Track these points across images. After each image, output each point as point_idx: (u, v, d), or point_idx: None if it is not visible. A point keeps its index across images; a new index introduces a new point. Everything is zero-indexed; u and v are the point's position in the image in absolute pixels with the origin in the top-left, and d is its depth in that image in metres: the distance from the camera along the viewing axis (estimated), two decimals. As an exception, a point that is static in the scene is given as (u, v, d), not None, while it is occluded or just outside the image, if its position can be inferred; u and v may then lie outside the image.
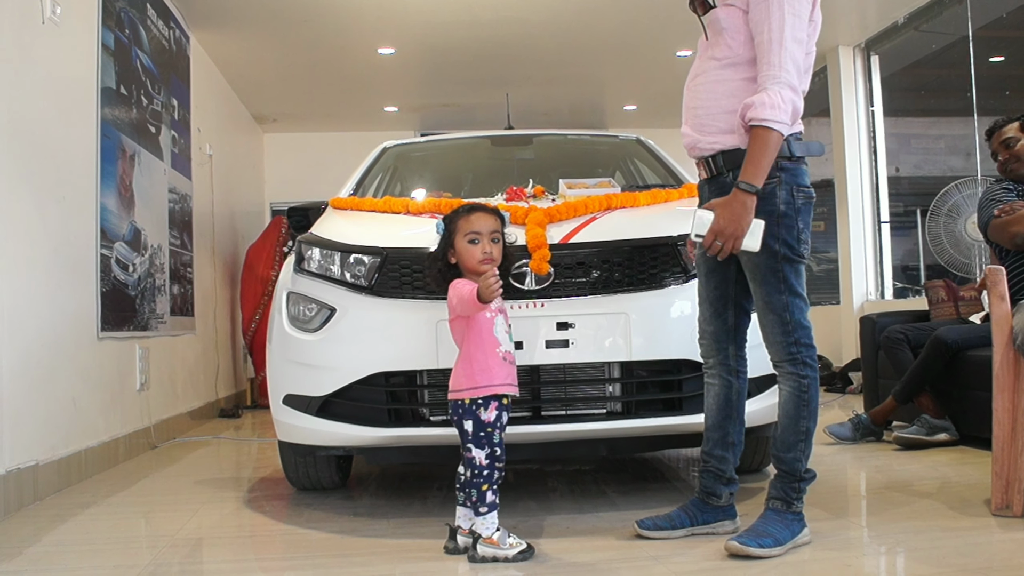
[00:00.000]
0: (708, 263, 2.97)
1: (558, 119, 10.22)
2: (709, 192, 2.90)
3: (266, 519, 3.57)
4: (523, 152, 5.33)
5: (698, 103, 2.88)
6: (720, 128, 2.82)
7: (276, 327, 3.54)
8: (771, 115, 2.64)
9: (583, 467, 4.44)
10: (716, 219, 2.65)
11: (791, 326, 2.79)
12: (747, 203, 2.64)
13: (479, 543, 2.78)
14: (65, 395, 4.35)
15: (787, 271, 2.78)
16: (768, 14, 2.69)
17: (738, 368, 3.02)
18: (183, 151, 6.83)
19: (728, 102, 2.80)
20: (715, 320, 2.99)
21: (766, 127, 2.64)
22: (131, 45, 5.60)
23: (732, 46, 2.80)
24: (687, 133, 2.92)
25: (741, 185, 2.64)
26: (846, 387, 7.92)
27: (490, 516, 2.79)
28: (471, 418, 2.81)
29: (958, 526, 3.04)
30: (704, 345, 3.04)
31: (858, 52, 8.62)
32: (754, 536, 2.73)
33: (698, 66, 2.93)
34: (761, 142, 2.65)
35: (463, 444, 2.84)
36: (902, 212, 8.95)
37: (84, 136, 4.79)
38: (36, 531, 3.44)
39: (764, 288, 2.80)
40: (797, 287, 2.79)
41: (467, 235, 2.92)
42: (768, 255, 2.75)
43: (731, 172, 2.79)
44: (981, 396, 3.89)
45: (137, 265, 5.53)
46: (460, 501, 2.89)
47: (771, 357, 2.88)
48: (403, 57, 8.43)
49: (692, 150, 2.92)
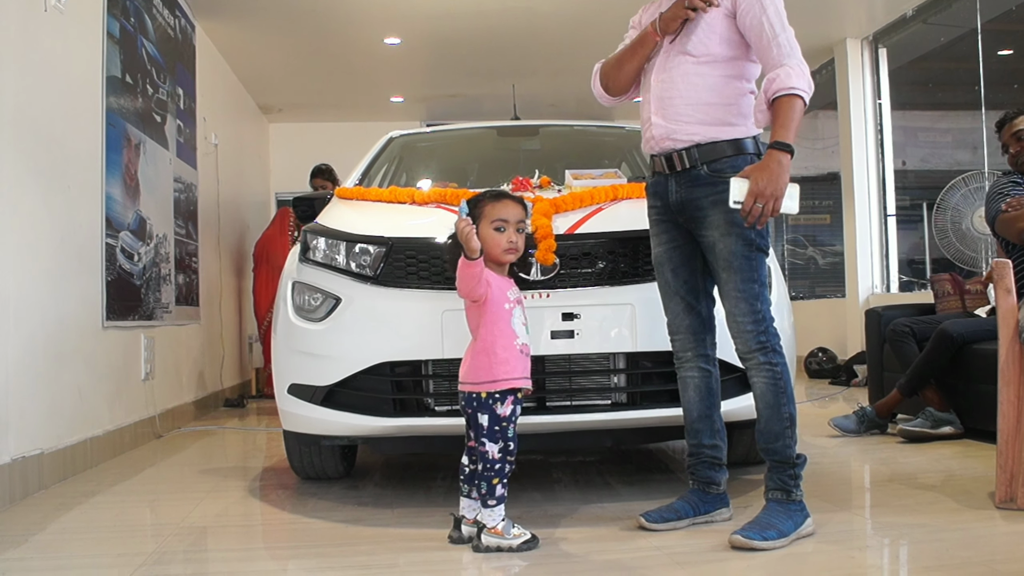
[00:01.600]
0: (674, 259, 3.01)
1: (565, 110, 10.21)
2: (677, 187, 2.92)
3: (271, 508, 3.58)
4: (529, 143, 5.32)
5: (674, 94, 2.91)
6: (698, 119, 2.87)
7: (281, 317, 3.54)
8: (798, 84, 2.73)
9: (588, 458, 4.44)
10: (754, 181, 2.65)
11: (761, 315, 2.85)
12: (783, 162, 2.67)
13: (484, 533, 2.77)
14: (70, 384, 4.36)
15: (759, 260, 2.86)
16: (763, 9, 2.80)
17: (713, 356, 3.07)
18: (188, 140, 6.83)
19: (707, 95, 2.88)
20: (689, 314, 3.03)
21: (794, 95, 2.73)
22: (136, 34, 5.59)
23: (707, 44, 2.88)
24: (657, 123, 2.93)
25: (777, 144, 2.68)
26: (851, 380, 7.90)
27: (498, 508, 2.79)
28: (487, 412, 2.79)
29: (962, 519, 3.04)
30: (680, 340, 3.06)
31: (866, 45, 8.59)
32: (758, 529, 2.73)
33: (667, 59, 2.95)
34: (790, 108, 2.72)
35: (476, 438, 2.82)
36: (908, 205, 8.94)
37: (89, 125, 4.79)
38: (41, 519, 3.45)
39: (739, 276, 2.84)
40: (764, 278, 2.88)
41: (493, 222, 2.86)
42: (744, 243, 2.83)
43: (704, 165, 2.85)
44: (986, 389, 3.88)
45: (142, 254, 5.53)
46: (465, 492, 2.89)
47: (739, 349, 2.90)
48: (409, 47, 8.43)
49: (662, 141, 2.92)
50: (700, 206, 2.89)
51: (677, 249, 3.01)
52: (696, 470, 3.08)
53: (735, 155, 2.87)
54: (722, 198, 2.76)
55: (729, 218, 2.82)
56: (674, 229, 3.01)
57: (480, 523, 2.80)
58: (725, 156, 2.87)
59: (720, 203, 2.80)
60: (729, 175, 2.77)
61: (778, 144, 2.68)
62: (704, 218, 2.88)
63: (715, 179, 2.85)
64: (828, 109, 9.24)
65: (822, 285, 10.48)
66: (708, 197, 2.86)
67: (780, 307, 3.54)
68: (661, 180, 2.99)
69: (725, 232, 2.84)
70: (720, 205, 2.80)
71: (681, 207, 2.93)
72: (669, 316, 3.07)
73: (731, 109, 2.89)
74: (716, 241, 2.86)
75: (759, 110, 2.81)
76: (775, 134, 2.71)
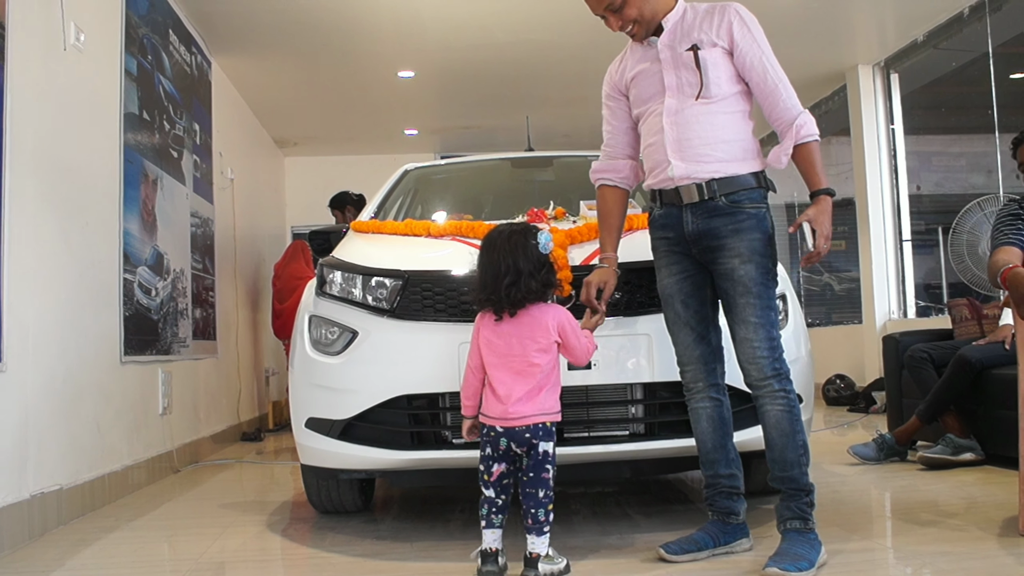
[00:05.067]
0: (685, 289, 3.03)
1: (578, 140, 10.23)
2: (694, 217, 2.95)
3: (289, 543, 3.57)
4: (543, 174, 5.34)
5: (691, 135, 2.95)
6: (717, 157, 2.93)
7: (298, 350, 3.55)
8: (816, 131, 2.95)
9: (606, 489, 4.42)
10: (821, 225, 2.81)
11: (776, 342, 2.89)
12: (831, 205, 2.88)
13: (541, 562, 2.78)
14: (89, 419, 4.37)
15: (774, 289, 2.93)
16: (761, 50, 2.95)
17: (723, 386, 3.08)
18: (205, 175, 6.88)
19: (723, 132, 2.95)
20: (700, 344, 3.04)
21: (818, 140, 2.94)
22: (154, 71, 5.65)
23: (720, 84, 2.95)
24: (678, 165, 2.95)
25: (828, 191, 2.87)
26: (869, 407, 7.85)
27: (548, 534, 2.83)
28: (550, 439, 2.85)
29: (986, 547, 3.01)
30: (690, 371, 3.06)
31: (878, 70, 8.60)
32: (791, 560, 2.70)
33: (677, 102, 2.97)
34: (817, 153, 2.93)
35: (538, 466, 2.83)
36: (924, 230, 8.91)
37: (107, 161, 4.83)
38: (60, 555, 3.45)
39: (759, 302, 2.87)
40: (777, 306, 2.95)
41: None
42: (763, 272, 2.88)
43: (723, 197, 2.91)
44: (1007, 415, 3.86)
45: (160, 289, 5.56)
46: (496, 524, 2.86)
47: (753, 376, 2.90)
48: (423, 80, 8.48)
49: (682, 180, 2.95)
50: (719, 235, 2.90)
51: (688, 279, 3.02)
52: (714, 501, 3.06)
53: (753, 188, 2.93)
54: (741, 227, 2.87)
55: (750, 246, 2.87)
56: (685, 260, 3.02)
57: (533, 553, 2.79)
58: (743, 189, 2.92)
59: (740, 232, 2.88)
60: (747, 206, 2.90)
61: (828, 190, 2.87)
62: (722, 247, 2.90)
63: (733, 209, 2.90)
64: (841, 135, 9.24)
65: (838, 311, 10.44)
66: (727, 226, 2.90)
67: (798, 334, 3.53)
68: (674, 212, 3.00)
69: (746, 259, 2.87)
70: (740, 234, 2.88)
71: (698, 237, 2.94)
72: (679, 348, 3.07)
73: (743, 144, 2.96)
74: (736, 268, 2.88)
75: (784, 152, 2.92)
76: (820, 181, 2.89)
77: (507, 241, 2.92)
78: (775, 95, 2.93)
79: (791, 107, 2.93)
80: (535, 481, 2.83)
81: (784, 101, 2.93)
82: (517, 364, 2.86)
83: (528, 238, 2.93)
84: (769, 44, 2.97)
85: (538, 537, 2.80)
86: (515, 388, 2.84)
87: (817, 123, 2.98)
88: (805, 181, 2.93)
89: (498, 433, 2.84)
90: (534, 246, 2.92)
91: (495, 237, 2.97)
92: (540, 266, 2.91)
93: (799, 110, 2.93)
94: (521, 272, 2.86)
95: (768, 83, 2.93)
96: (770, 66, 2.93)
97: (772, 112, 2.96)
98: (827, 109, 9.38)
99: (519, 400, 2.83)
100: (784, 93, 2.93)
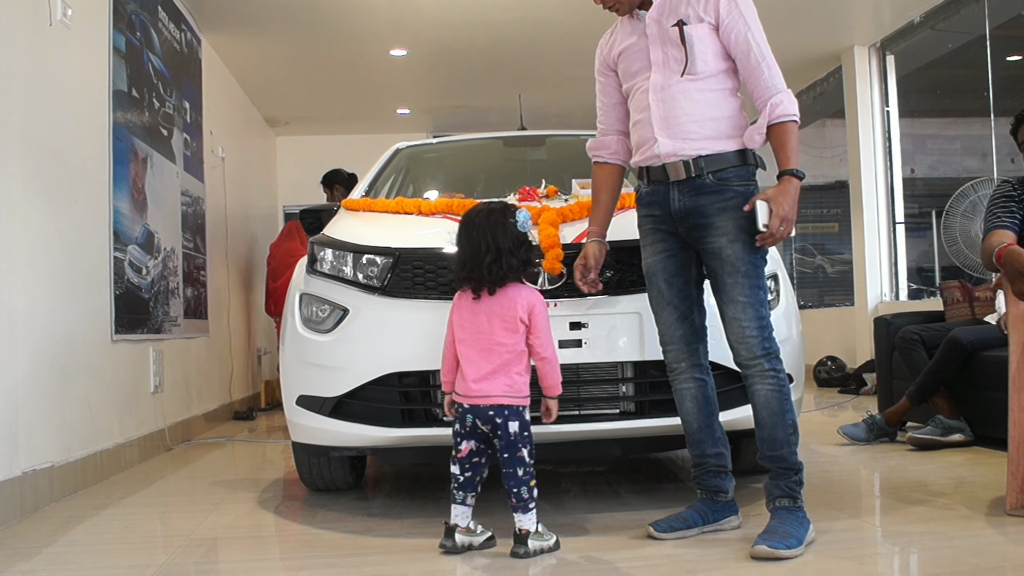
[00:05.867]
0: (669, 268, 3.02)
1: (571, 120, 10.21)
2: (680, 195, 2.94)
3: (280, 519, 3.58)
4: (536, 153, 5.33)
5: (678, 112, 2.94)
6: (704, 135, 2.92)
7: (289, 328, 3.55)
8: (795, 111, 2.90)
9: (596, 467, 4.43)
10: (778, 205, 2.76)
11: (765, 321, 2.88)
12: (798, 188, 2.83)
13: (531, 538, 2.81)
14: (80, 398, 4.37)
15: (763, 267, 2.92)
16: (747, 27, 2.91)
17: (706, 365, 3.08)
18: (195, 154, 6.85)
19: (710, 110, 2.94)
20: (682, 324, 3.04)
21: (795, 120, 2.89)
22: (143, 48, 5.62)
23: (706, 60, 2.94)
24: (664, 143, 2.94)
25: (793, 172, 2.82)
26: (860, 388, 7.88)
27: (535, 510, 2.84)
28: (518, 419, 2.85)
29: (973, 526, 3.02)
30: (673, 351, 3.06)
31: (873, 52, 8.58)
32: (780, 538, 2.71)
33: (663, 78, 2.96)
34: (793, 134, 2.88)
35: (510, 447, 2.84)
36: (917, 213, 8.91)
37: (96, 139, 4.80)
38: (52, 532, 3.46)
39: (747, 281, 2.87)
40: (766, 285, 2.95)
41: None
42: (752, 250, 2.87)
43: (710, 174, 2.90)
44: (996, 396, 3.87)
45: (150, 268, 5.54)
46: (459, 500, 2.92)
47: (743, 356, 2.90)
48: (415, 59, 8.45)
49: (668, 157, 2.94)
50: (706, 213, 2.90)
51: (672, 258, 3.02)
52: (702, 480, 3.07)
53: (740, 165, 2.92)
54: (729, 205, 2.86)
55: (738, 224, 2.86)
56: (671, 238, 3.02)
57: (522, 530, 2.82)
58: (731, 166, 2.91)
59: (727, 210, 2.86)
60: (734, 184, 2.88)
61: (794, 172, 2.82)
62: (710, 225, 2.90)
63: (720, 187, 2.89)
64: (836, 117, 9.22)
65: (831, 294, 10.46)
66: (714, 204, 2.89)
67: (789, 315, 3.53)
68: (660, 189, 2.99)
69: (734, 238, 2.86)
70: (727, 212, 2.87)
71: (685, 215, 2.94)
72: (661, 327, 3.07)
73: (731, 122, 2.95)
74: (724, 247, 2.87)
75: (758, 131, 2.90)
76: (788, 161, 2.84)
77: (486, 220, 2.94)
78: (757, 73, 2.91)
79: (771, 86, 2.90)
80: (511, 461, 2.85)
81: (765, 80, 2.90)
82: (484, 342, 2.89)
83: (507, 216, 2.95)
84: (760, 23, 2.94)
85: (524, 514, 2.83)
86: (481, 366, 2.87)
87: (812, 105, 2.97)
88: (776, 161, 2.89)
89: (464, 410, 2.89)
90: (512, 224, 2.94)
91: (474, 216, 2.99)
92: (519, 244, 2.94)
93: (778, 89, 2.90)
94: (502, 250, 2.89)
95: (751, 60, 2.91)
96: (755, 43, 2.90)
97: (754, 90, 2.95)
98: (822, 91, 9.36)
99: (483, 378, 2.86)
100: (767, 72, 2.90)
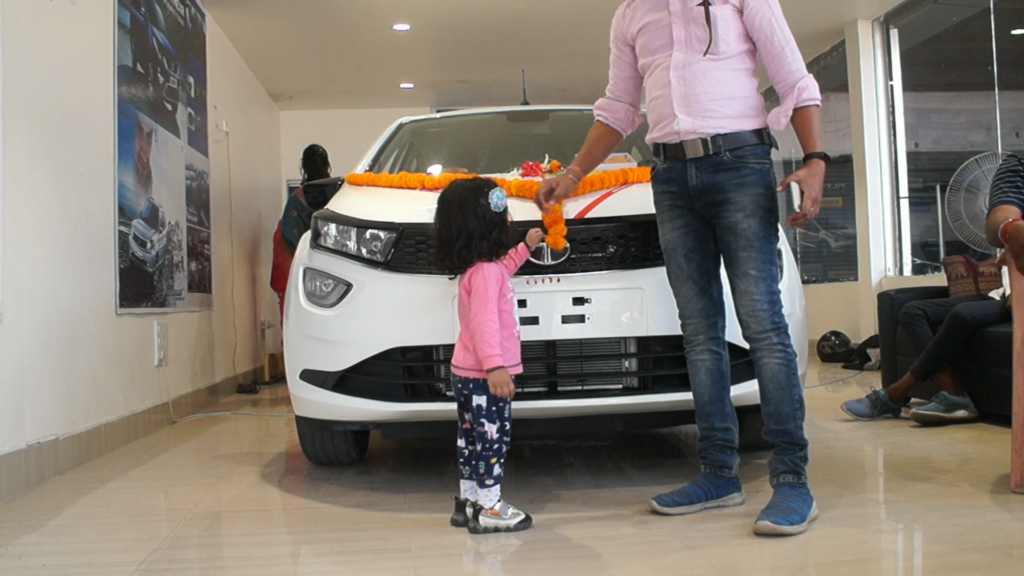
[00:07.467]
0: (688, 243, 3.04)
1: (575, 95, 10.16)
2: (698, 172, 2.96)
3: (284, 493, 3.59)
4: (539, 127, 5.31)
5: (699, 90, 2.96)
6: (723, 113, 2.95)
7: (293, 303, 3.55)
8: (818, 96, 2.96)
9: (599, 442, 4.44)
10: (810, 187, 2.82)
11: (776, 295, 2.92)
12: (824, 169, 2.88)
13: (481, 515, 2.81)
14: (84, 371, 4.38)
15: (774, 243, 2.95)
16: (771, 11, 2.96)
17: (723, 339, 3.10)
18: (200, 128, 6.83)
19: (730, 89, 2.96)
20: (702, 298, 3.06)
21: (819, 105, 2.95)
22: (147, 23, 5.59)
23: (729, 41, 2.96)
24: (684, 119, 2.95)
25: (821, 155, 2.88)
26: (864, 364, 7.88)
27: (495, 488, 2.84)
28: (484, 393, 2.84)
29: (976, 503, 3.03)
30: (692, 325, 3.07)
31: (877, 25, 8.52)
32: (783, 514, 2.72)
33: (684, 56, 2.97)
34: (817, 117, 2.94)
35: (475, 419, 2.87)
36: (921, 188, 8.88)
37: (101, 114, 4.79)
38: (57, 504, 3.47)
39: (760, 256, 2.90)
40: (777, 260, 2.97)
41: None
42: (765, 226, 2.91)
43: (728, 152, 2.93)
44: (1001, 372, 3.87)
45: (155, 242, 5.54)
46: (466, 475, 2.93)
47: (752, 329, 2.92)
48: (418, 33, 8.41)
49: (687, 135, 2.96)
50: (723, 188, 2.92)
51: (691, 233, 3.03)
52: (708, 454, 3.08)
53: (757, 144, 2.95)
54: (746, 181, 2.90)
55: (754, 200, 2.90)
56: (689, 214, 3.03)
57: (477, 505, 2.83)
58: (747, 144, 2.94)
59: (744, 186, 2.90)
60: (751, 161, 2.92)
61: (822, 155, 2.88)
62: (727, 201, 2.92)
63: (737, 164, 2.92)
64: (839, 91, 9.17)
65: (835, 268, 10.44)
66: (732, 180, 2.92)
67: (792, 291, 3.53)
68: (678, 166, 3.00)
69: (750, 213, 2.89)
70: (744, 188, 2.90)
71: (702, 191, 2.95)
72: (681, 301, 3.08)
73: (749, 102, 2.97)
74: (739, 222, 2.90)
75: (784, 114, 2.94)
76: (815, 144, 2.90)
77: (459, 202, 2.93)
78: (781, 57, 2.95)
79: (795, 70, 2.95)
80: (478, 435, 2.88)
81: (789, 64, 2.95)
82: (464, 316, 2.92)
83: (479, 197, 2.92)
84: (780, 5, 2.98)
85: (480, 489, 2.84)
86: (464, 338, 2.90)
87: (815, 79, 2.98)
88: (801, 144, 2.94)
89: (455, 380, 2.93)
90: (485, 205, 2.92)
91: (448, 195, 2.98)
92: (491, 226, 2.92)
93: (803, 74, 2.95)
94: (472, 235, 2.89)
95: (775, 44, 2.95)
96: (778, 27, 2.94)
97: (776, 74, 2.98)
98: (825, 65, 9.31)
99: (461, 351, 2.90)
100: (790, 56, 2.95)
